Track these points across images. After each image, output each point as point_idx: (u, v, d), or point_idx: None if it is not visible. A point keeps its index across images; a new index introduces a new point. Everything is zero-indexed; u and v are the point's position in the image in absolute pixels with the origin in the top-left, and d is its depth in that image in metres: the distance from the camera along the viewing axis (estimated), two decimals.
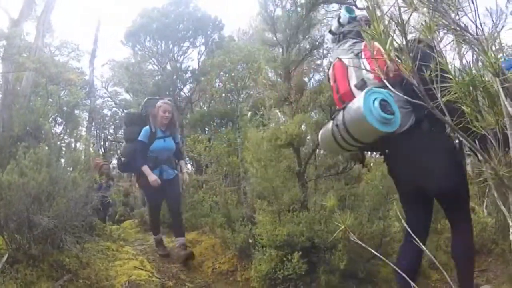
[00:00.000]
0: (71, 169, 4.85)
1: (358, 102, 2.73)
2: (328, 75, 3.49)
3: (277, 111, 5.72)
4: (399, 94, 1.83)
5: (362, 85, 2.97)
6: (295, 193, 4.57)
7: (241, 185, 6.14)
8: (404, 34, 1.09)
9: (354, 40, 3.22)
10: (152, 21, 13.86)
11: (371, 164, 6.45)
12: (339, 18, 3.53)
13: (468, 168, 10.58)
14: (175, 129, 6.27)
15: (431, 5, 1.38)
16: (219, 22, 14.77)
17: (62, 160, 5.24)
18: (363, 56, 3.04)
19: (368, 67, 2.89)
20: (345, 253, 4.09)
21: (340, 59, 3.23)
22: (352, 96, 3.00)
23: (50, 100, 12.33)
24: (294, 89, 4.95)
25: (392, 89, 1.69)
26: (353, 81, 3.07)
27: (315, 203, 4.50)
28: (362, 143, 2.96)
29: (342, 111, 2.94)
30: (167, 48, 14.29)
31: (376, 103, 2.60)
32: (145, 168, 5.61)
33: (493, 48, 1.37)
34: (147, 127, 5.78)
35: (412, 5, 1.28)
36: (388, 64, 1.75)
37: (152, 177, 5.57)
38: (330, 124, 3.12)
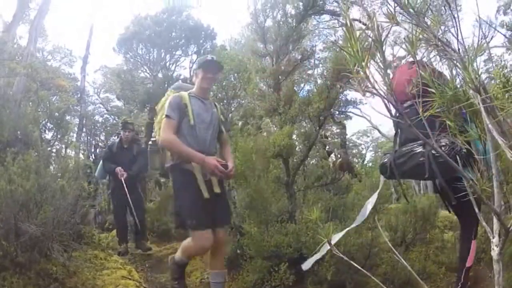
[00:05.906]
0: (60, 176, 4.81)
1: None
2: None
3: (269, 120, 5.73)
4: None
5: None
6: (284, 204, 4.57)
7: (231, 194, 6.11)
8: (381, 51, 1.10)
9: None
10: (144, 29, 13.81)
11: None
12: None
13: None
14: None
15: (413, 20, 1.39)
16: (211, 31, 14.73)
17: (51, 167, 5.21)
18: None
19: None
20: (332, 264, 4.08)
21: None
22: None
23: (41, 105, 12.27)
24: (283, 100, 4.95)
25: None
26: None
27: (303, 214, 4.50)
28: None
29: None
30: (159, 56, 14.25)
31: None
32: None
33: (475, 63, 1.38)
34: None
35: (394, 19, 1.29)
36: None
37: None
38: None
